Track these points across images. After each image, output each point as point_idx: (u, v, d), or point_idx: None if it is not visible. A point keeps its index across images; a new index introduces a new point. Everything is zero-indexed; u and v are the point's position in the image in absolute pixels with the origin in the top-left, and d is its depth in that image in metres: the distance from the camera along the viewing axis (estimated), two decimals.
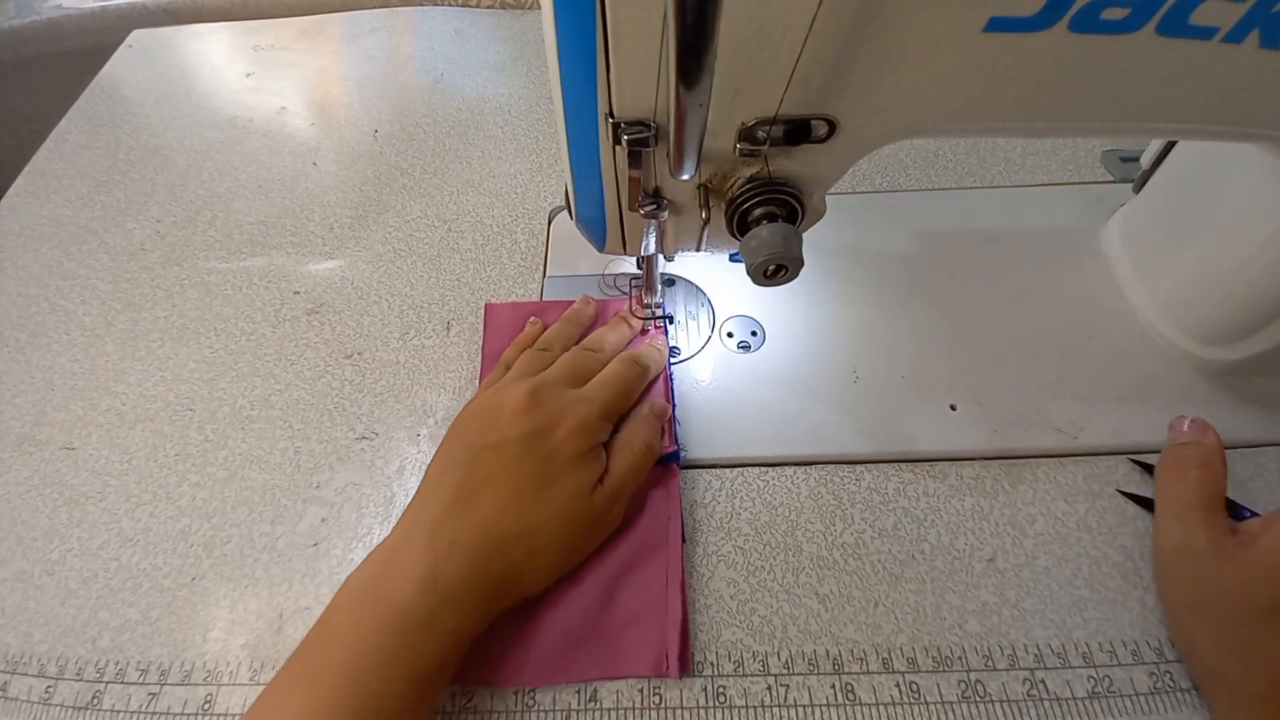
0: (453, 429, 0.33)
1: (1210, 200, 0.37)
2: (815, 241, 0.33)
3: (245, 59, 0.66)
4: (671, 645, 0.30)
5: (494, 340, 0.42)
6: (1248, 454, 0.36)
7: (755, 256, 0.27)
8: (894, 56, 0.23)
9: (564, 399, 0.32)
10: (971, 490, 0.35)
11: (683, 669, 0.30)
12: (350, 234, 0.49)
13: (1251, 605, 0.27)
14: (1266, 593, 0.26)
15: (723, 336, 0.41)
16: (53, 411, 0.40)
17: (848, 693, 0.29)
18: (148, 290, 0.46)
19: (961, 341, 0.40)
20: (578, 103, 0.24)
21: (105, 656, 0.32)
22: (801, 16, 0.21)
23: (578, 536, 0.31)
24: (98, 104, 0.62)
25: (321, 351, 0.42)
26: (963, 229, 0.47)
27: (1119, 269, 0.43)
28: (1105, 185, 0.50)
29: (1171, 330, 0.39)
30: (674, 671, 0.30)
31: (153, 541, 0.35)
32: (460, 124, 0.58)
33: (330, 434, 0.39)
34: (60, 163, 0.56)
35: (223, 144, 0.57)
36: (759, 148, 0.25)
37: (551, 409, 0.31)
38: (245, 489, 0.37)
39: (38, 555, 0.35)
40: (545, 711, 0.29)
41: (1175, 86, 0.24)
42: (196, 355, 0.43)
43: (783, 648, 0.31)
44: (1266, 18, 0.22)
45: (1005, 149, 0.53)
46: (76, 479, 0.38)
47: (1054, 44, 0.22)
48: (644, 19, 0.21)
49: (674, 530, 0.33)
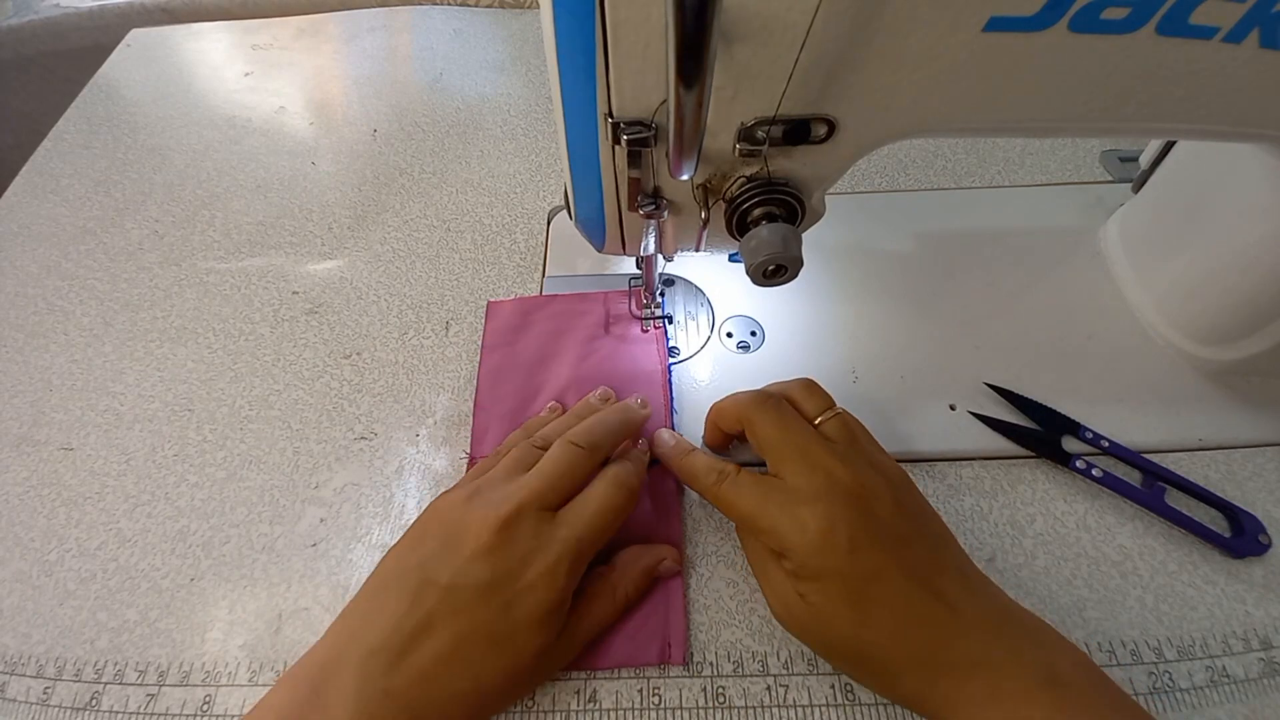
0: (415, 528, 0.30)
1: (1209, 200, 0.37)
2: (815, 241, 0.33)
3: (244, 58, 0.66)
4: (675, 634, 0.31)
5: (495, 338, 0.41)
6: (1248, 454, 0.36)
7: (755, 257, 0.27)
8: (894, 56, 0.23)
9: (537, 534, 0.27)
10: (971, 490, 0.35)
11: (684, 658, 0.30)
12: (349, 234, 0.49)
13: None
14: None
15: (722, 336, 0.41)
16: (51, 412, 0.40)
17: (847, 693, 0.29)
18: (146, 290, 0.46)
19: (961, 342, 0.40)
20: (577, 102, 0.24)
21: (104, 657, 0.32)
22: (801, 16, 0.21)
23: (526, 690, 0.29)
24: (96, 103, 0.62)
25: (320, 352, 0.42)
26: (962, 229, 0.47)
27: (1118, 269, 0.43)
28: (1104, 185, 0.50)
29: (1171, 330, 0.39)
30: (678, 659, 0.30)
31: (151, 542, 0.35)
32: (459, 124, 0.58)
33: (329, 434, 0.38)
34: (58, 162, 0.56)
35: (221, 143, 0.57)
36: (758, 148, 0.25)
37: (520, 551, 0.27)
38: (244, 489, 0.37)
39: (36, 556, 0.35)
40: (545, 712, 0.29)
41: (1175, 86, 0.24)
42: (195, 355, 0.42)
43: (782, 648, 0.31)
44: (1266, 18, 0.22)
45: (1005, 149, 0.53)
46: (75, 479, 0.37)
47: (1054, 44, 0.22)
48: (644, 19, 0.21)
49: (674, 523, 0.34)
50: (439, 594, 0.26)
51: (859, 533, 0.27)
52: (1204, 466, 0.36)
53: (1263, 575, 0.32)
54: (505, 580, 0.26)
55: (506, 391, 0.39)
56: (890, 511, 0.28)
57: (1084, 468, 0.35)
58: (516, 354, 0.41)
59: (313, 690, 0.25)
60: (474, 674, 0.26)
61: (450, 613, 0.26)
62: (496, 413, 0.38)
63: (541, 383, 0.39)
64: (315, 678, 0.25)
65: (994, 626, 0.26)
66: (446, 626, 0.26)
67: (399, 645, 0.25)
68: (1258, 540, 0.32)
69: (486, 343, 0.41)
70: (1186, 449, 0.36)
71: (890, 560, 0.26)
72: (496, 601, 0.26)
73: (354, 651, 0.26)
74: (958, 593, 0.26)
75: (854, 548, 0.26)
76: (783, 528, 0.27)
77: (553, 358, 0.40)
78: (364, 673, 0.25)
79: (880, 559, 0.26)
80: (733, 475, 0.30)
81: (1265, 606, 0.31)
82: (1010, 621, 0.26)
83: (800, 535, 0.27)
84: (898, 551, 0.27)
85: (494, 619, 0.26)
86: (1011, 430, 0.36)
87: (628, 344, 0.40)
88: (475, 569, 0.26)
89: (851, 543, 0.26)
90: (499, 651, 0.26)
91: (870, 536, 0.27)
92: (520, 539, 0.27)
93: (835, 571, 0.26)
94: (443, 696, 0.25)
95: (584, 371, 0.39)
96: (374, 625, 0.26)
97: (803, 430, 0.30)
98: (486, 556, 0.27)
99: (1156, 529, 0.34)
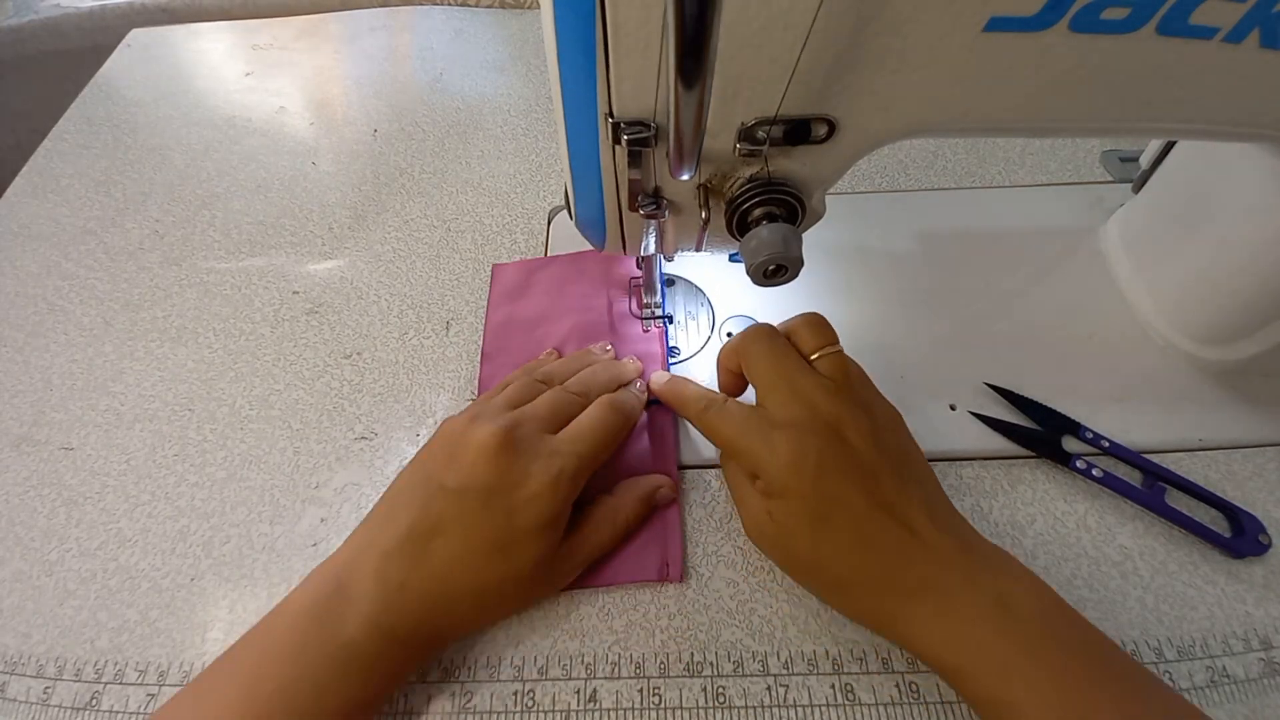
0: (424, 449, 0.32)
1: (1209, 200, 0.37)
2: (815, 241, 0.33)
3: (244, 58, 0.66)
4: (672, 554, 0.33)
5: (500, 298, 0.43)
6: (1248, 454, 0.36)
7: (755, 257, 0.27)
8: (894, 56, 0.23)
9: (536, 449, 0.29)
10: (971, 490, 0.35)
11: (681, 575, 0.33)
12: (349, 234, 0.49)
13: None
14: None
15: (722, 336, 0.41)
16: (51, 412, 0.40)
17: (847, 693, 0.29)
18: (146, 290, 0.46)
19: (961, 341, 0.40)
20: (577, 102, 0.24)
21: (104, 657, 0.32)
22: (801, 16, 0.21)
23: (530, 596, 0.31)
24: (96, 103, 0.62)
25: (320, 351, 0.42)
26: (962, 229, 0.47)
27: (1118, 269, 0.43)
28: (1105, 185, 0.50)
29: (1171, 330, 0.39)
30: (675, 575, 0.32)
31: (151, 542, 0.35)
32: (460, 124, 0.58)
33: (329, 434, 0.39)
34: (58, 162, 0.56)
35: (221, 143, 0.57)
36: (759, 148, 0.25)
37: (520, 461, 0.29)
38: (244, 489, 0.37)
39: (36, 556, 0.35)
40: (545, 712, 0.29)
41: (1175, 86, 0.24)
42: (195, 355, 0.42)
43: (782, 648, 0.31)
44: (1266, 18, 0.22)
45: (1005, 149, 0.53)
46: (75, 479, 0.37)
47: (1054, 44, 0.22)
48: (644, 19, 0.21)
49: (670, 460, 0.36)
50: (447, 499, 0.28)
51: (828, 460, 0.28)
52: (1204, 466, 0.36)
53: (1263, 575, 0.32)
54: (508, 488, 0.28)
55: (511, 343, 0.41)
56: (865, 445, 0.29)
57: (1084, 468, 0.35)
58: (520, 310, 0.43)
59: (338, 585, 0.28)
60: (481, 578, 0.28)
61: (458, 516, 0.28)
62: (501, 361, 0.41)
63: (544, 334, 0.41)
64: (340, 575, 0.28)
65: (952, 555, 0.27)
66: (455, 529, 0.28)
67: (413, 545, 0.28)
68: (1258, 540, 0.32)
69: (493, 302, 0.44)
70: (1186, 449, 0.36)
71: (855, 489, 0.28)
72: (500, 508, 0.28)
73: (373, 552, 0.28)
74: (922, 523, 0.28)
75: (821, 474, 0.28)
76: (757, 450, 0.29)
77: (554, 311, 0.42)
78: (383, 569, 0.28)
79: (844, 487, 0.28)
80: (720, 403, 0.32)
81: (1265, 606, 0.31)
82: (970, 551, 0.28)
83: (772, 457, 0.28)
84: (864, 481, 0.28)
85: (498, 525, 0.28)
86: (1011, 430, 0.36)
87: (628, 344, 0.40)
88: (480, 474, 0.28)
89: (819, 469, 0.28)
90: (503, 556, 0.28)
91: (838, 465, 0.28)
92: (521, 451, 0.29)
93: (799, 492, 0.28)
94: (452, 592, 0.28)
95: (585, 321, 0.41)
96: (389, 530, 0.29)
97: (793, 363, 0.31)
98: (490, 463, 0.28)
99: (1156, 529, 0.34)
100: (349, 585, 0.28)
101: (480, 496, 0.28)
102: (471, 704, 0.30)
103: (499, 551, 0.28)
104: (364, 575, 0.28)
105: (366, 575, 0.28)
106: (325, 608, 0.27)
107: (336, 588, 0.28)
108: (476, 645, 0.31)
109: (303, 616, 0.27)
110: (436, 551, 0.28)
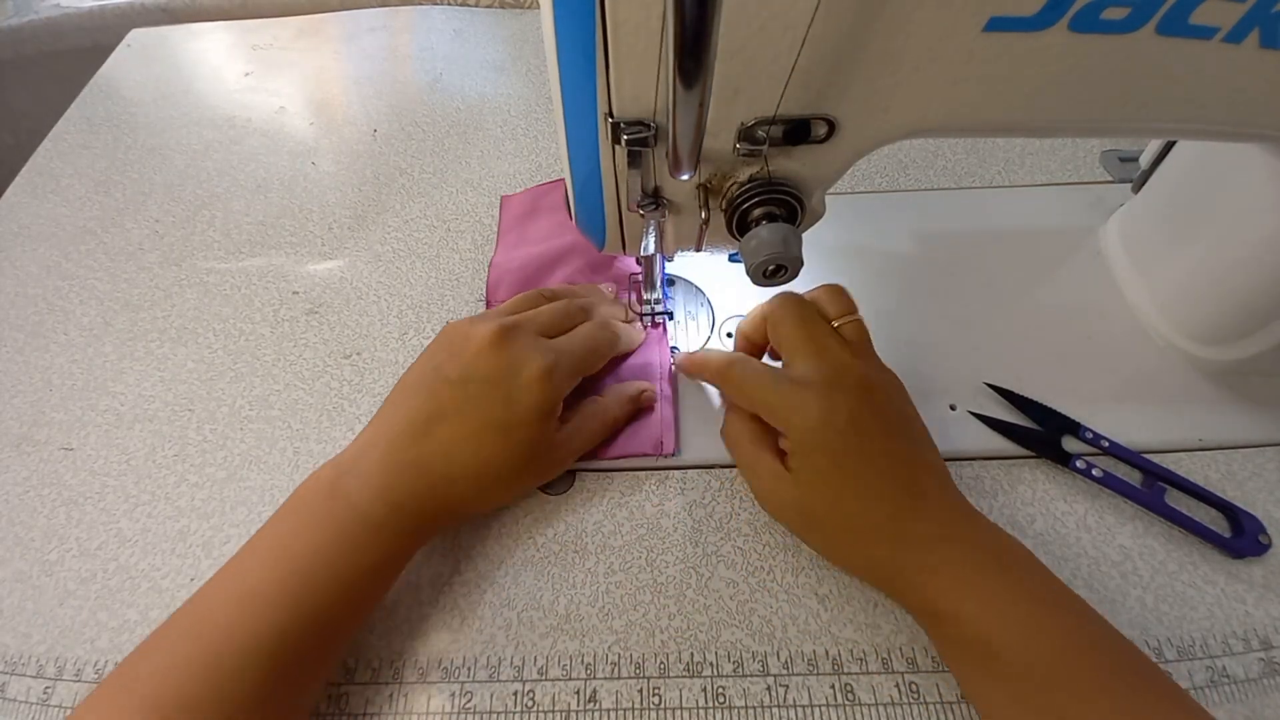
0: (428, 348, 0.34)
1: (1209, 200, 0.37)
2: (815, 241, 0.33)
3: (244, 58, 0.66)
4: (666, 433, 0.36)
5: (510, 223, 0.47)
6: (1248, 454, 0.36)
7: (755, 256, 0.27)
8: (894, 56, 0.23)
9: (532, 345, 0.32)
10: (971, 490, 0.35)
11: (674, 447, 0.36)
12: (349, 234, 0.49)
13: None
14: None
15: (722, 336, 0.41)
16: (51, 412, 0.40)
17: (847, 693, 0.29)
18: (146, 290, 0.46)
19: (960, 342, 0.40)
20: (577, 102, 0.24)
21: (104, 657, 0.32)
22: (801, 16, 0.21)
23: (528, 479, 0.34)
24: (96, 103, 0.62)
25: (320, 352, 0.42)
26: (962, 229, 0.47)
27: (1118, 269, 0.43)
28: (1104, 185, 0.50)
29: (1171, 330, 0.39)
30: (669, 448, 0.36)
31: (151, 542, 0.35)
32: (459, 124, 0.58)
33: (329, 434, 0.38)
34: (58, 162, 0.56)
35: (221, 144, 0.57)
36: (758, 148, 0.25)
37: (517, 352, 0.31)
38: (244, 489, 0.37)
39: (36, 556, 0.35)
40: (545, 712, 0.29)
41: (1175, 86, 0.24)
42: (195, 355, 0.42)
43: (782, 648, 0.31)
44: (1266, 18, 0.22)
45: (1005, 149, 0.53)
46: (75, 479, 0.37)
47: (1054, 44, 0.22)
48: (644, 19, 0.21)
49: (664, 349, 0.39)
50: (450, 387, 0.31)
51: (860, 416, 0.30)
52: (1204, 466, 0.36)
53: (1263, 575, 0.32)
54: (506, 376, 0.31)
55: (519, 257, 0.45)
56: (891, 407, 0.31)
57: (1084, 468, 0.35)
58: (529, 232, 0.47)
59: (352, 465, 0.30)
60: (482, 457, 0.30)
61: (461, 401, 0.30)
62: (508, 268, 0.44)
63: (550, 249, 0.44)
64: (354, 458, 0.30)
65: (954, 514, 0.29)
66: (458, 412, 0.30)
67: (419, 428, 0.30)
68: (1258, 540, 0.32)
69: (503, 228, 0.48)
70: (1186, 449, 0.36)
71: (879, 444, 0.30)
72: (499, 395, 0.30)
73: (381, 438, 0.31)
74: (929, 483, 0.30)
75: (851, 429, 0.29)
76: (788, 404, 0.30)
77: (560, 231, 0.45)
78: (389, 451, 0.30)
79: (871, 442, 0.30)
80: (743, 361, 0.33)
81: (1265, 606, 0.31)
82: (970, 515, 0.30)
83: (802, 414, 0.30)
84: (888, 439, 0.30)
85: (497, 409, 0.30)
86: (1011, 430, 0.36)
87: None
88: (480, 364, 0.31)
89: (850, 424, 0.29)
90: (504, 438, 0.30)
91: (867, 421, 0.30)
92: (518, 346, 0.31)
93: (826, 446, 0.29)
94: (453, 470, 0.30)
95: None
96: (397, 418, 0.31)
97: (821, 327, 0.32)
98: (490, 354, 0.31)
99: (1156, 529, 0.34)
100: (361, 464, 0.30)
101: (481, 385, 0.30)
102: (471, 704, 0.30)
103: (499, 432, 0.30)
104: (374, 457, 0.30)
105: (374, 458, 0.30)
106: (340, 485, 0.30)
107: (351, 467, 0.30)
108: (476, 645, 0.31)
109: (321, 493, 0.30)
110: (439, 433, 0.30)
